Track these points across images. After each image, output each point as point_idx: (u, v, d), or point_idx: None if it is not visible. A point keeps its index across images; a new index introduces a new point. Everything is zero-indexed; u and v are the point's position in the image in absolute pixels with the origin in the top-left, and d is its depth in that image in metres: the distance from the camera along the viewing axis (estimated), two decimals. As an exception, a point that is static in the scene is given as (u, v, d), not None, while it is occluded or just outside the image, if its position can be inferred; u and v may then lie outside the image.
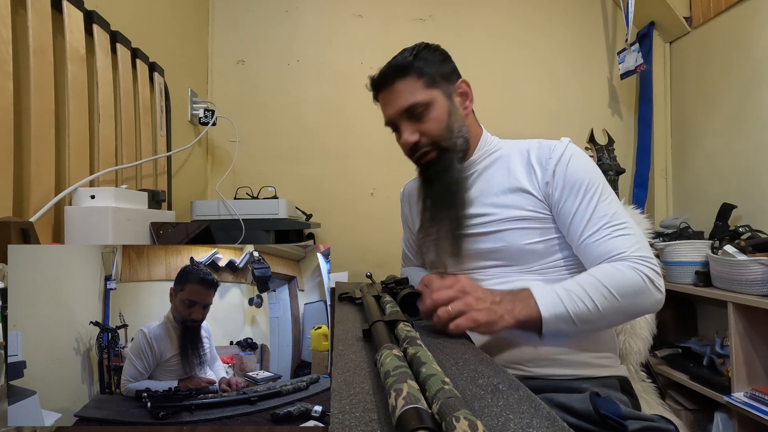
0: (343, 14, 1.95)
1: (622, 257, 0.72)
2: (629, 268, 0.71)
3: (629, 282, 0.70)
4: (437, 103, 0.84)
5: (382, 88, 0.87)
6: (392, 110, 0.85)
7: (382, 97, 0.88)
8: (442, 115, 0.84)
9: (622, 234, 0.74)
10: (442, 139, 0.84)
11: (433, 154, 0.85)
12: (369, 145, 1.93)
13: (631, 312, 0.74)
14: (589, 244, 0.75)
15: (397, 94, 0.84)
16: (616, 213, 0.76)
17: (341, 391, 0.43)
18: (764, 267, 1.29)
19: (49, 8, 0.84)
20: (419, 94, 0.82)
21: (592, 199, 0.77)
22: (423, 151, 0.85)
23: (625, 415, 0.61)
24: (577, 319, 0.68)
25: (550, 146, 0.82)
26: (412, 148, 0.85)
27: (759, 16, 1.61)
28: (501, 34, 2.02)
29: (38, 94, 0.80)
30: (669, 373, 1.66)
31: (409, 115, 0.84)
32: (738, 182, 1.70)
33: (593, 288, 0.69)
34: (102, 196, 0.84)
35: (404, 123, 0.84)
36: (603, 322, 0.71)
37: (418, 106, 0.82)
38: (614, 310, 0.69)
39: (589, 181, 0.78)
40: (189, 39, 1.67)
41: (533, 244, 0.80)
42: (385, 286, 0.85)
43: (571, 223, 0.78)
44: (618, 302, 0.69)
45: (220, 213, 1.36)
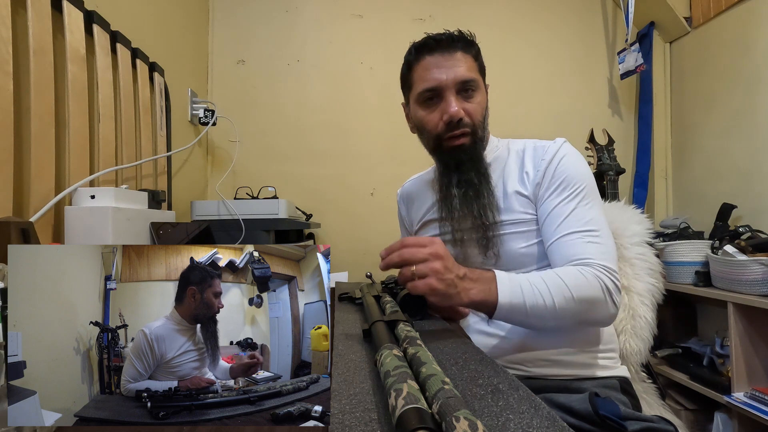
0: (343, 14, 1.95)
1: (587, 263, 0.71)
2: (592, 275, 0.69)
3: (589, 289, 0.68)
4: (482, 90, 0.83)
5: (439, 49, 0.80)
6: (447, 76, 0.78)
7: (435, 59, 0.80)
8: (484, 104, 0.83)
9: (592, 241, 0.73)
10: (480, 127, 0.82)
11: (468, 138, 0.81)
12: (369, 145, 1.93)
13: (583, 319, 0.71)
14: (559, 244, 0.74)
15: (457, 61, 0.79)
16: (593, 219, 0.75)
17: (341, 391, 0.43)
18: (764, 267, 1.29)
19: (49, 8, 0.84)
20: (475, 73, 0.81)
21: (573, 200, 0.76)
22: (462, 130, 0.80)
23: (625, 415, 0.61)
24: (531, 313, 0.67)
25: (545, 147, 0.82)
26: (453, 123, 0.79)
27: (759, 16, 1.61)
28: (500, 35, 2.02)
29: (38, 94, 0.80)
30: (669, 373, 1.66)
31: (459, 89, 0.80)
32: (738, 182, 1.70)
33: (555, 286, 0.67)
34: (102, 196, 0.84)
35: (453, 95, 0.79)
36: (552, 321, 0.68)
37: (474, 83, 0.80)
38: (568, 312, 0.68)
39: (574, 182, 0.77)
40: (189, 39, 1.67)
41: (528, 247, 0.79)
42: (385, 286, 0.85)
43: (547, 220, 0.77)
44: (574, 305, 0.67)
45: (220, 213, 1.36)
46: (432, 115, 0.82)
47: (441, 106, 0.80)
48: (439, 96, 0.80)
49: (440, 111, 0.80)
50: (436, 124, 0.81)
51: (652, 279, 1.09)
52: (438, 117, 0.81)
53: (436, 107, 0.81)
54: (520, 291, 0.67)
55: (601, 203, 0.80)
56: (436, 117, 0.81)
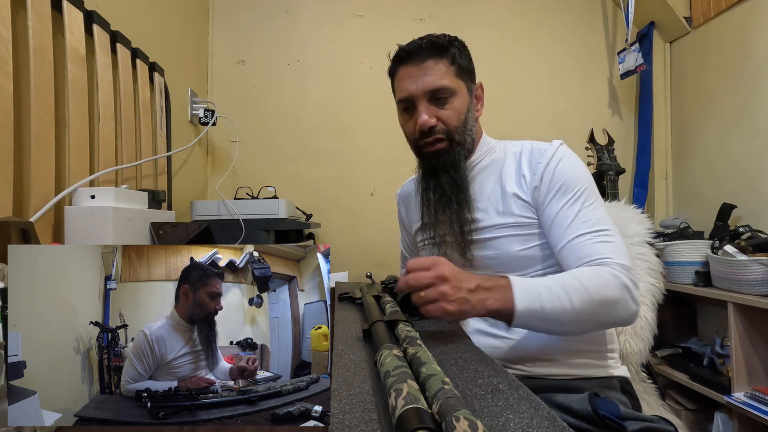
0: (343, 14, 1.95)
1: (602, 262, 0.69)
2: (609, 274, 0.68)
3: (607, 288, 0.67)
4: (461, 94, 0.82)
5: (410, 60, 0.81)
6: (417, 87, 0.80)
7: (407, 70, 0.82)
8: (462, 108, 0.82)
9: (603, 240, 0.72)
10: (457, 131, 0.81)
11: (444, 144, 0.81)
12: (369, 145, 1.93)
13: (604, 320, 0.70)
14: (570, 247, 0.73)
15: (427, 71, 0.80)
16: (600, 219, 0.74)
17: (341, 391, 0.43)
18: (764, 267, 1.29)
19: (49, 8, 0.84)
20: (448, 80, 0.80)
21: (576, 202, 0.76)
22: (436, 137, 0.81)
23: (624, 415, 0.61)
24: (551, 317, 0.65)
25: (541, 149, 0.81)
26: (425, 131, 0.81)
27: (759, 16, 1.61)
28: (500, 35, 2.02)
29: (38, 94, 0.80)
30: (669, 373, 1.66)
31: (431, 97, 0.80)
32: (738, 182, 1.70)
33: (573, 288, 0.65)
34: (102, 196, 0.84)
35: (424, 104, 0.80)
36: (574, 325, 0.67)
37: (446, 90, 0.80)
38: (588, 313, 0.66)
39: (575, 184, 0.77)
40: (189, 39, 1.67)
41: (527, 250, 0.79)
42: (385, 286, 0.85)
43: (553, 224, 0.76)
44: (594, 306, 0.66)
45: (220, 213, 1.36)
46: (409, 123, 0.85)
47: (414, 116, 0.82)
48: (413, 105, 0.82)
49: (414, 120, 0.82)
50: (413, 131, 0.83)
51: (652, 279, 1.09)
52: (413, 125, 0.83)
53: (412, 116, 0.83)
54: (537, 295, 0.65)
55: (603, 202, 0.80)
56: (411, 125, 0.84)
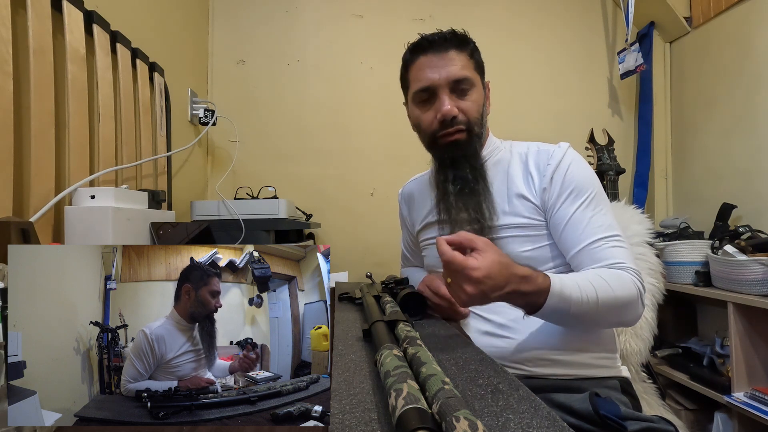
0: (343, 14, 1.95)
1: (620, 267, 0.72)
2: (628, 277, 0.71)
3: (627, 289, 0.69)
4: (479, 88, 0.84)
5: (432, 49, 0.81)
6: (440, 75, 0.80)
7: (428, 59, 0.82)
8: (480, 101, 0.83)
9: (617, 245, 0.74)
10: (477, 123, 0.82)
11: (464, 134, 0.82)
12: (369, 145, 1.93)
13: (615, 320, 0.73)
14: (587, 251, 0.74)
15: (450, 60, 0.80)
16: (611, 225, 0.76)
17: (341, 391, 0.43)
18: (764, 267, 1.29)
19: (49, 8, 0.84)
20: (469, 71, 0.81)
21: (589, 207, 0.77)
22: (457, 128, 0.81)
23: (625, 415, 0.61)
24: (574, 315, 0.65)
25: (549, 151, 0.81)
26: (446, 121, 0.81)
27: (759, 16, 1.61)
28: (500, 35, 2.02)
29: (38, 94, 0.80)
30: (669, 373, 1.66)
31: (453, 88, 0.81)
32: (738, 182, 1.70)
33: (599, 284, 0.67)
34: (102, 196, 0.84)
35: (446, 93, 0.80)
36: (590, 325, 0.68)
37: (468, 81, 0.81)
38: (608, 308, 0.67)
39: (586, 189, 0.78)
40: (189, 39, 1.67)
41: (529, 251, 0.79)
42: (385, 286, 0.85)
43: (565, 229, 0.77)
44: (615, 303, 0.68)
45: (220, 213, 1.36)
46: (427, 114, 0.84)
47: (435, 105, 0.82)
48: (434, 95, 0.82)
49: (434, 110, 0.82)
50: (431, 122, 0.83)
51: (652, 279, 1.10)
52: (433, 116, 0.82)
53: (430, 106, 0.83)
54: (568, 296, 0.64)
55: (610, 205, 0.81)
56: (431, 116, 0.83)
